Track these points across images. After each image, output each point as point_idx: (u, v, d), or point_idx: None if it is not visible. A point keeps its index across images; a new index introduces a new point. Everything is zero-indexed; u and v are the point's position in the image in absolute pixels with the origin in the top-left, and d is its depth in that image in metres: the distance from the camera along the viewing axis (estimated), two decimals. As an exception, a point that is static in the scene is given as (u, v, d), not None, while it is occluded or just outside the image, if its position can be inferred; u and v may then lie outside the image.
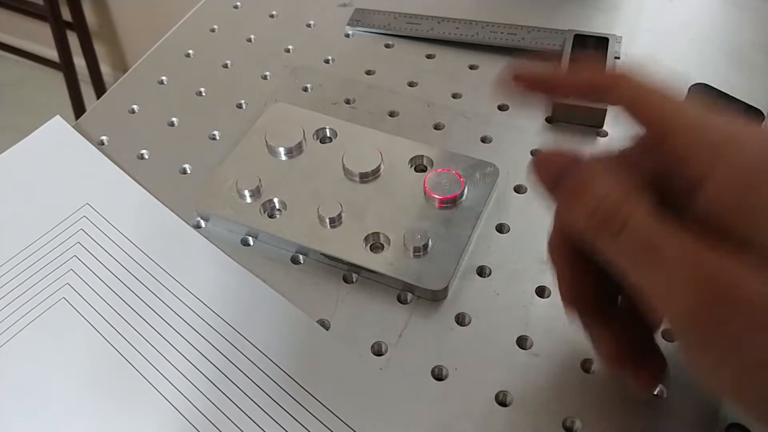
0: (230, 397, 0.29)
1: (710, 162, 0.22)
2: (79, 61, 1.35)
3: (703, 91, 0.39)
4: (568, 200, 0.24)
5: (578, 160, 0.25)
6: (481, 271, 0.33)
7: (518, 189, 0.37)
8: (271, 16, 0.49)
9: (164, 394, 0.29)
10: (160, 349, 0.31)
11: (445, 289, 0.32)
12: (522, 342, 0.31)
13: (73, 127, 0.41)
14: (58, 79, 1.38)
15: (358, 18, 0.47)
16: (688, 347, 0.22)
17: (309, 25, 0.48)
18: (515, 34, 0.45)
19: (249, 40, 0.47)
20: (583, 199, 0.23)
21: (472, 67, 0.44)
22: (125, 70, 0.47)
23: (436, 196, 0.34)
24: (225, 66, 0.45)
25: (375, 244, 0.34)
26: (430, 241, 0.33)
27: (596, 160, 0.25)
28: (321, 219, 0.34)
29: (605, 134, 0.40)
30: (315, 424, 0.28)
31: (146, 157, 0.40)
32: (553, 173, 0.25)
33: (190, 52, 0.46)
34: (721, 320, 0.20)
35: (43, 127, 0.41)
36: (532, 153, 0.39)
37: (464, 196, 0.35)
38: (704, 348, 0.21)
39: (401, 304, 0.32)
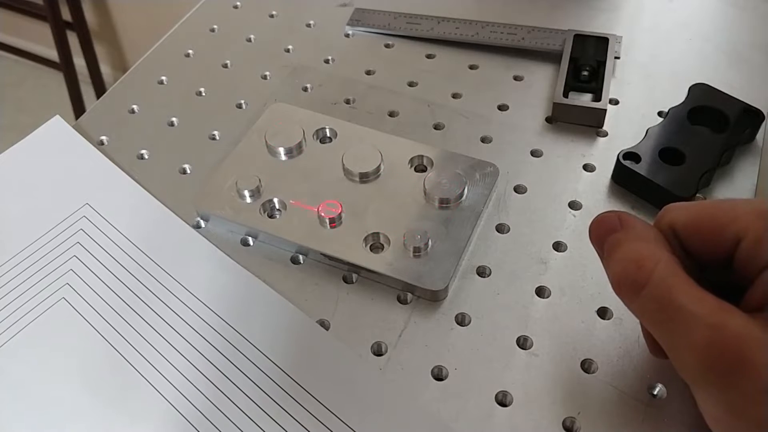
0: (230, 397, 0.29)
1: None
2: (79, 61, 1.35)
3: (703, 91, 0.39)
4: (605, 259, 0.25)
5: (622, 223, 0.25)
6: (481, 271, 0.33)
7: (518, 189, 0.37)
8: (271, 16, 0.49)
9: (164, 394, 0.29)
10: (160, 349, 0.31)
11: (445, 289, 0.32)
12: (522, 342, 0.31)
13: (73, 127, 0.41)
14: (58, 79, 1.38)
15: (358, 18, 0.47)
16: (701, 399, 0.23)
17: (309, 25, 0.48)
18: (515, 34, 0.45)
19: (249, 40, 0.47)
20: (615, 256, 0.24)
21: (472, 67, 0.44)
22: (125, 70, 0.47)
23: (436, 196, 0.34)
24: (225, 66, 0.45)
25: (375, 244, 0.34)
26: (430, 241, 0.33)
27: (636, 223, 0.26)
28: (321, 219, 0.34)
29: (605, 134, 0.40)
30: (315, 424, 0.28)
31: (146, 157, 0.40)
32: (602, 236, 0.26)
33: (190, 52, 0.46)
34: (731, 382, 0.21)
35: (43, 127, 0.41)
36: (533, 153, 0.39)
37: (464, 196, 0.35)
38: (714, 402, 0.22)
39: (401, 304, 0.32)
